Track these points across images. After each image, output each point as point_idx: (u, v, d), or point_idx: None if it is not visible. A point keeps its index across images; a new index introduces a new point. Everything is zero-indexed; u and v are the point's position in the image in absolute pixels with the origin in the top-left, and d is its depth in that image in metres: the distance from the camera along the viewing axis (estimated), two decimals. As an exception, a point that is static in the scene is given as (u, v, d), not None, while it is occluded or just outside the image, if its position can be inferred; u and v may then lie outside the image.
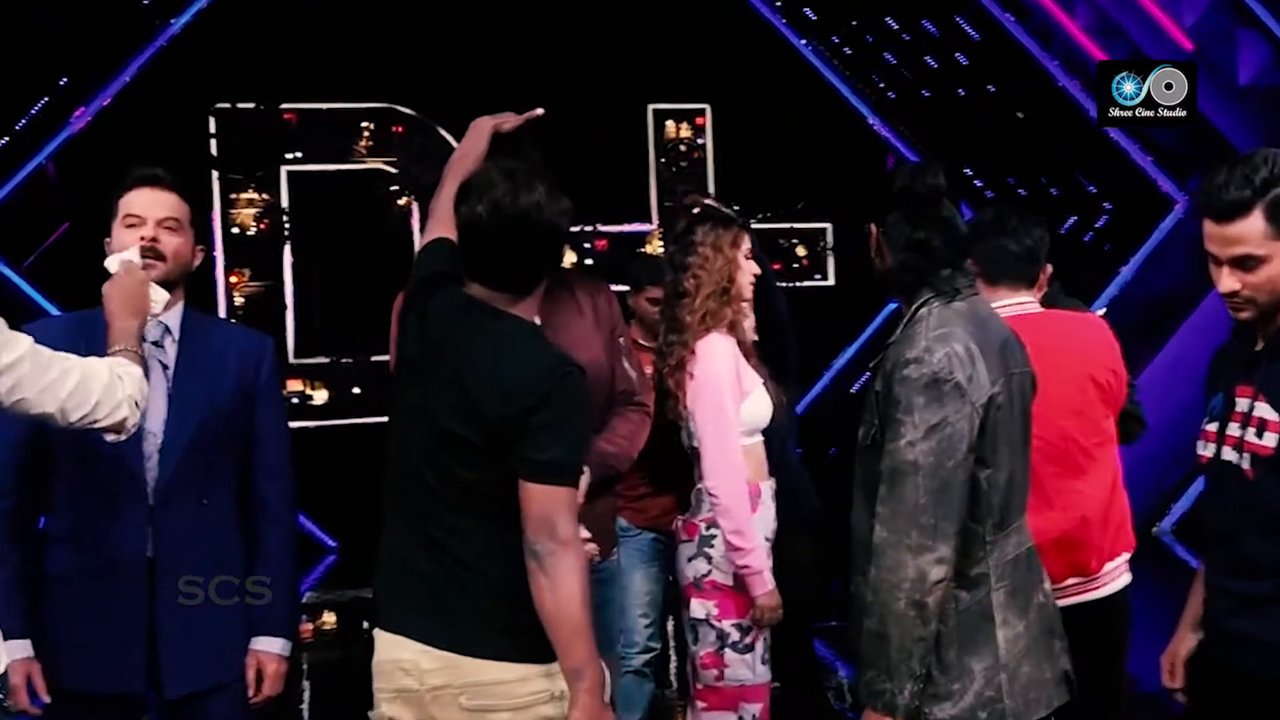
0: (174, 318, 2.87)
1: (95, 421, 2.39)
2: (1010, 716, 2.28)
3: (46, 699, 2.74)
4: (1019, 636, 2.32)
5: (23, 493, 2.74)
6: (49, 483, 2.75)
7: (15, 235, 7.47)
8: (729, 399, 3.31)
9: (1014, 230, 3.03)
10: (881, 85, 8.63)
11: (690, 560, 3.35)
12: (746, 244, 3.48)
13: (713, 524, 3.32)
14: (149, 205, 2.85)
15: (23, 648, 2.71)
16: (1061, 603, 2.59)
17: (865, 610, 2.26)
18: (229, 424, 2.86)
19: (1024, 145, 8.10)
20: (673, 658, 4.95)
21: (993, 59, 8.32)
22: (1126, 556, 3.07)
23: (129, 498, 2.74)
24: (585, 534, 2.65)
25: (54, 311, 7.00)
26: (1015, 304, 2.99)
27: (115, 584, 2.73)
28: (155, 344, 2.84)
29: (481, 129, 2.70)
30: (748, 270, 3.45)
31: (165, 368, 2.84)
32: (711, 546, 3.32)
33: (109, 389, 2.41)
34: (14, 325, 2.42)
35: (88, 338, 2.76)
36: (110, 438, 2.46)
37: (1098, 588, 3.00)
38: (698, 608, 3.33)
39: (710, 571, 3.32)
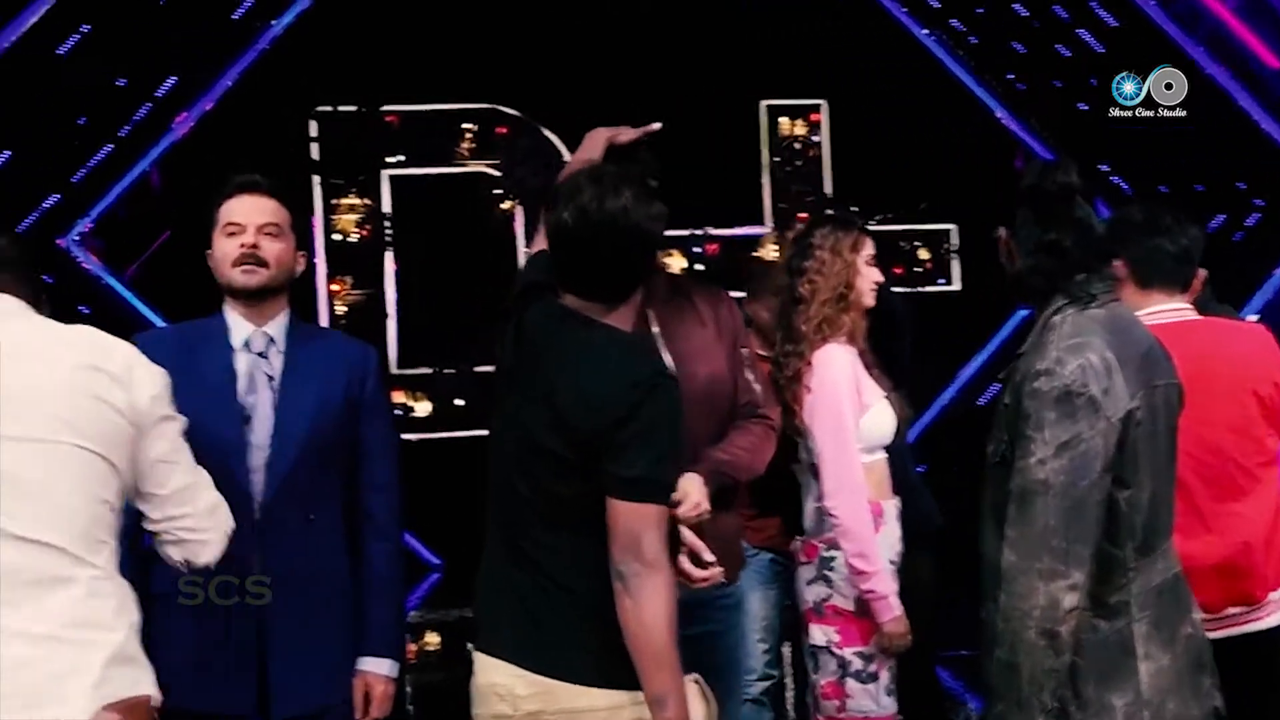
0: (278, 327, 2.93)
1: (184, 533, 2.38)
2: None
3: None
4: (1163, 670, 2.26)
5: (129, 509, 2.81)
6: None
7: (118, 244, 7.69)
8: (848, 413, 3.28)
9: (1169, 229, 2.95)
10: (1010, 76, 8.48)
11: (810, 583, 3.32)
12: (869, 248, 3.44)
13: (833, 545, 3.28)
14: (249, 212, 2.92)
15: None
16: (1218, 634, 2.52)
17: (995, 639, 2.22)
18: (335, 436, 2.91)
19: (1165, 138, 7.89)
20: (789, 685, 4.91)
21: (1130, 46, 8.12)
22: None
23: (234, 514, 2.79)
24: (709, 557, 2.65)
25: (158, 321, 7.21)
26: (1170, 310, 2.91)
27: (223, 603, 2.78)
28: (260, 355, 2.90)
29: (596, 140, 2.73)
30: (868, 276, 3.42)
31: (270, 379, 2.89)
32: (832, 569, 3.29)
33: (214, 512, 2.43)
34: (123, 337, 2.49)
35: (188, 352, 2.82)
36: (173, 559, 2.43)
37: (1261, 618, 2.91)
38: (818, 634, 3.30)
39: (830, 596, 3.29)
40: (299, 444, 2.85)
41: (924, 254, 8.44)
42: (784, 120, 8.40)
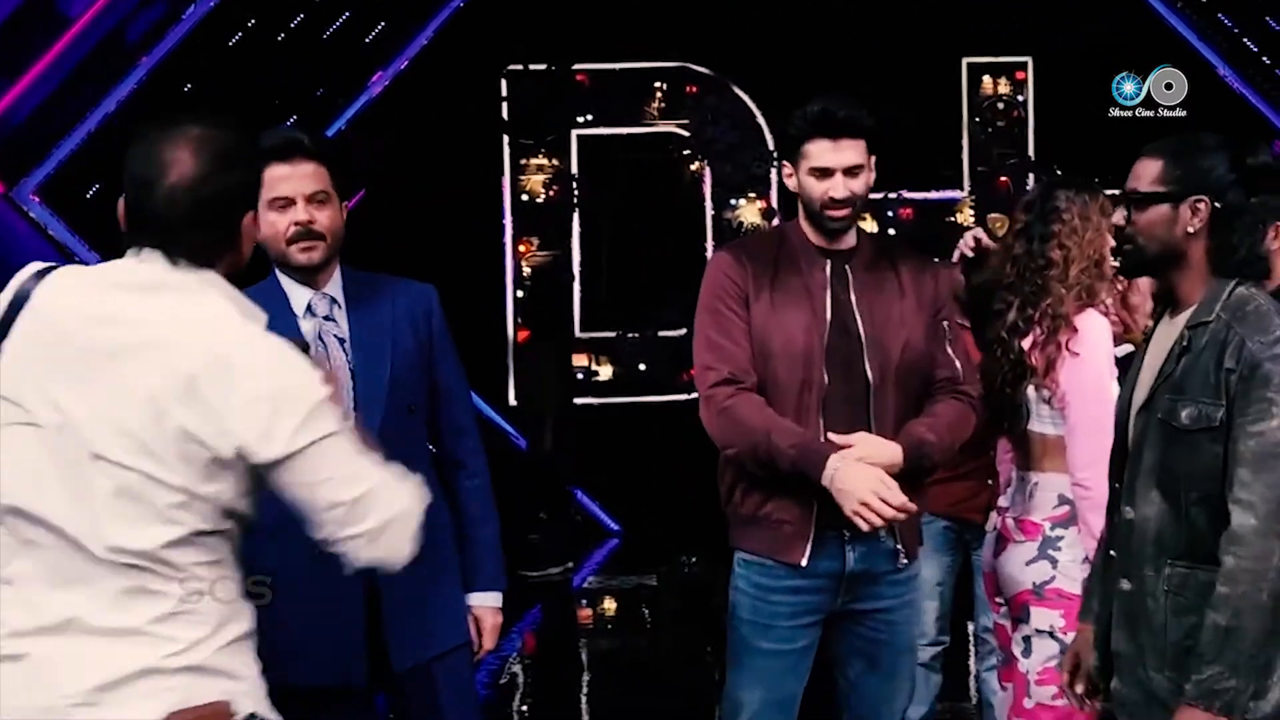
0: (337, 285, 2.91)
1: (361, 545, 2.13)
2: None
3: None
4: None
5: None
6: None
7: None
8: (1110, 385, 3.20)
9: None
10: (1236, 30, 8.14)
11: (1029, 564, 3.19)
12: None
13: (1059, 523, 3.19)
14: (296, 183, 2.82)
15: None
16: None
17: (1211, 604, 2.28)
18: (416, 384, 2.91)
19: None
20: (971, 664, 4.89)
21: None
22: None
23: None
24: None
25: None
26: None
27: (325, 573, 2.81)
28: (327, 318, 2.89)
29: None
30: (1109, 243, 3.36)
31: (341, 341, 2.87)
32: (1058, 549, 3.16)
33: (400, 518, 2.16)
34: None
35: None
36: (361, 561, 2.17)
37: None
38: (1039, 618, 3.19)
39: (1055, 578, 3.16)
40: (382, 401, 2.82)
41: (1136, 222, 8.17)
42: (986, 79, 8.24)
